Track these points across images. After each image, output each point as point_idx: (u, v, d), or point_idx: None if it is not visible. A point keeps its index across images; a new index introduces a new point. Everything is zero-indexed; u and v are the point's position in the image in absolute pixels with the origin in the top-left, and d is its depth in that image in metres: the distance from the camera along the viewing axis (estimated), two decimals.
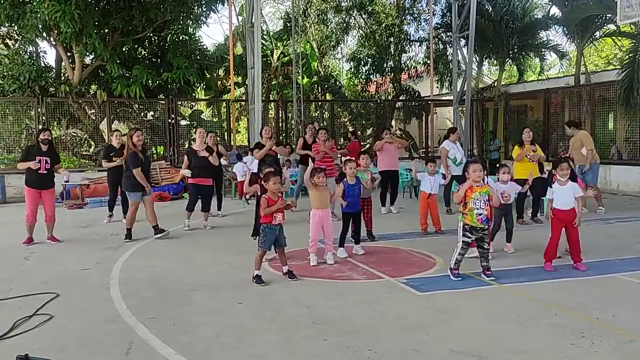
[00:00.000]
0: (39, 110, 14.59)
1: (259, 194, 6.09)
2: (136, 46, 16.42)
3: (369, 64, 21.15)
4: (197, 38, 17.25)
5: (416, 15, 21.61)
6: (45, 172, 8.01)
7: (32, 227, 8.11)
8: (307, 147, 10.37)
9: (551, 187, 6.17)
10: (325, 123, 18.69)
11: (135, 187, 8.14)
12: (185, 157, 9.58)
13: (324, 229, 6.52)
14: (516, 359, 3.76)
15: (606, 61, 25.95)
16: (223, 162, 13.64)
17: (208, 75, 18.49)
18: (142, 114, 16.60)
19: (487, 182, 6.99)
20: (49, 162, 8.04)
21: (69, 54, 15.19)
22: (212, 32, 75.33)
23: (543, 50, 18.96)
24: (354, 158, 8.81)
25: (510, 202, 7.00)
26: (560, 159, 6.51)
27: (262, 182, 5.89)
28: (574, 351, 3.87)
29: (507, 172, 6.83)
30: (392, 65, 21.15)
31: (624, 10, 8.73)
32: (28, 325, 4.57)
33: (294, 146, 11.13)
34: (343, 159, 8.98)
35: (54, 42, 15.03)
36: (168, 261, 6.90)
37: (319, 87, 21.82)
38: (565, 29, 16.61)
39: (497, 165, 7.39)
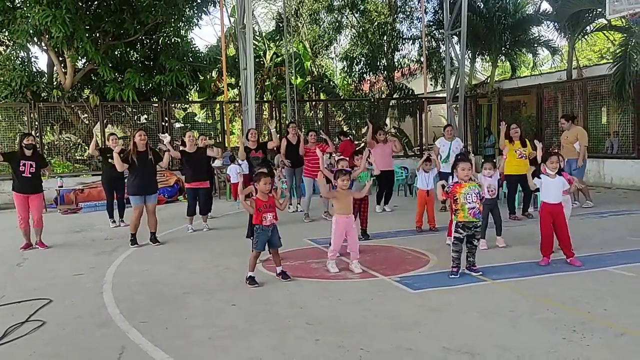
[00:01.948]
0: (32, 115, 14.54)
1: (253, 194, 6.09)
2: (128, 49, 16.36)
3: (362, 63, 21.12)
4: (189, 40, 17.19)
5: (408, 13, 21.59)
6: (30, 175, 8.01)
7: (27, 232, 8.14)
8: (290, 148, 10.35)
9: (539, 177, 6.18)
10: (319, 123, 18.69)
11: (134, 190, 8.09)
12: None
13: (347, 237, 6.16)
14: (507, 355, 3.77)
15: (599, 55, 26.00)
16: (217, 163, 13.67)
17: (201, 77, 18.44)
18: (136, 117, 16.54)
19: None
20: (34, 167, 8.04)
21: (60, 58, 15.13)
22: (204, 34, 75.23)
23: (535, 45, 19.00)
24: (347, 157, 8.81)
25: (495, 196, 7.05)
26: (550, 152, 6.53)
27: (254, 183, 5.88)
28: (565, 346, 3.88)
29: (490, 168, 6.86)
30: (385, 63, 21.15)
31: (613, 5, 8.76)
32: (20, 332, 4.56)
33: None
34: (336, 158, 8.99)
35: (45, 47, 14.96)
36: (162, 265, 6.89)
37: (313, 87, 21.78)
38: (556, 24, 16.64)
39: (482, 161, 7.42)
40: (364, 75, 21.44)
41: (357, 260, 6.12)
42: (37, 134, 14.14)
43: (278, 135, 10.91)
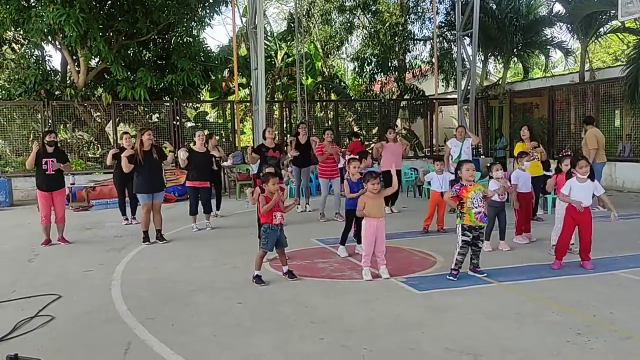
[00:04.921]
0: (45, 113, 14.70)
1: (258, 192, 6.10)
2: (141, 49, 16.49)
3: (373, 64, 21.15)
4: (201, 40, 17.28)
5: (420, 14, 21.58)
6: (54, 172, 8.14)
7: (48, 229, 8.25)
8: (299, 147, 10.37)
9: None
10: (330, 123, 18.70)
11: (141, 188, 8.17)
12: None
13: (376, 240, 5.89)
14: (510, 357, 3.77)
15: (614, 57, 25.73)
16: (228, 163, 13.75)
17: (212, 77, 18.53)
18: (147, 116, 16.66)
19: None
20: (56, 163, 8.16)
21: (74, 57, 15.30)
22: (216, 34, 75.72)
23: (548, 47, 18.89)
24: (357, 157, 8.80)
25: (504, 200, 7.02)
26: (577, 156, 6.45)
27: (262, 184, 5.90)
28: (569, 348, 3.87)
29: (499, 169, 6.85)
30: (397, 64, 21.15)
31: (626, 7, 8.69)
32: (29, 327, 4.63)
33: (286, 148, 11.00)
34: (347, 157, 9.00)
35: (59, 46, 15.14)
36: (170, 262, 6.95)
37: (324, 87, 21.83)
38: (569, 25, 16.53)
39: (488, 165, 7.40)
40: (375, 76, 21.46)
41: (384, 266, 5.92)
42: (46, 131, 14.27)
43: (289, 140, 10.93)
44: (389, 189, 6.60)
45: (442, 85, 21.64)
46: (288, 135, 15.74)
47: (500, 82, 19.31)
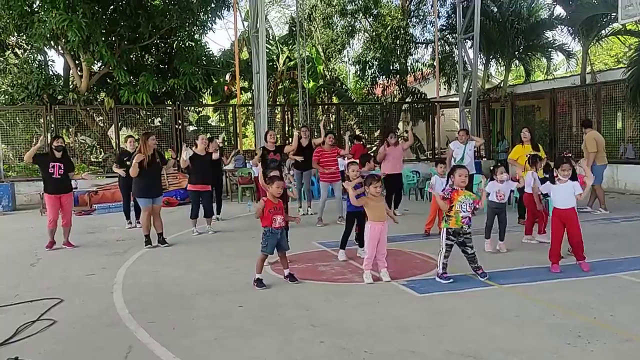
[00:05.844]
0: (48, 118, 14.78)
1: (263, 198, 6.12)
2: (143, 53, 16.58)
3: (374, 67, 21.19)
4: (203, 44, 17.35)
5: (421, 17, 21.65)
6: (60, 176, 8.22)
7: (53, 232, 8.32)
8: (301, 150, 10.39)
9: (553, 183, 6.14)
10: (332, 126, 18.74)
11: (143, 193, 8.21)
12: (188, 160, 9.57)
13: (378, 243, 5.91)
14: (511, 359, 3.77)
15: (616, 60, 25.73)
16: (229, 166, 13.78)
17: (215, 81, 18.61)
18: (150, 120, 16.74)
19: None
20: (63, 168, 8.25)
21: (76, 62, 15.39)
22: (218, 38, 75.89)
23: (549, 50, 18.92)
24: (357, 160, 8.82)
25: (504, 201, 7.04)
26: (562, 158, 6.50)
27: (266, 184, 5.91)
28: (569, 351, 3.88)
29: (503, 172, 6.88)
30: (398, 67, 21.19)
31: (626, 9, 8.71)
32: (31, 330, 4.65)
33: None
34: (346, 161, 8.99)
35: (61, 51, 15.23)
36: (172, 266, 6.97)
37: (325, 91, 21.88)
38: (570, 28, 16.56)
39: (491, 167, 7.44)
40: (377, 79, 21.49)
41: (385, 269, 5.93)
42: (53, 136, 14.34)
43: (292, 139, 10.94)
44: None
45: (444, 88, 21.67)
46: (290, 138, 15.79)
47: (501, 85, 19.35)
